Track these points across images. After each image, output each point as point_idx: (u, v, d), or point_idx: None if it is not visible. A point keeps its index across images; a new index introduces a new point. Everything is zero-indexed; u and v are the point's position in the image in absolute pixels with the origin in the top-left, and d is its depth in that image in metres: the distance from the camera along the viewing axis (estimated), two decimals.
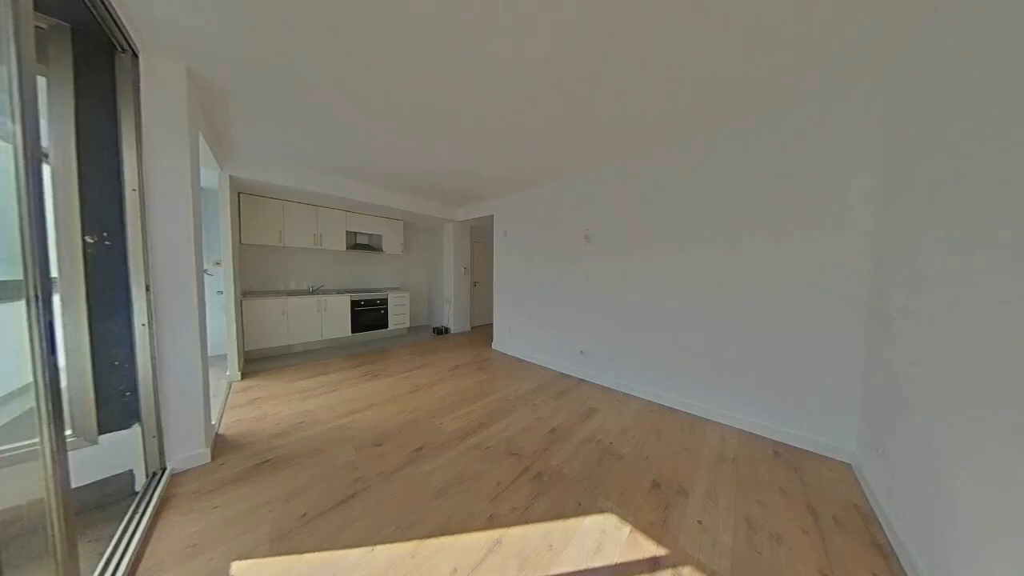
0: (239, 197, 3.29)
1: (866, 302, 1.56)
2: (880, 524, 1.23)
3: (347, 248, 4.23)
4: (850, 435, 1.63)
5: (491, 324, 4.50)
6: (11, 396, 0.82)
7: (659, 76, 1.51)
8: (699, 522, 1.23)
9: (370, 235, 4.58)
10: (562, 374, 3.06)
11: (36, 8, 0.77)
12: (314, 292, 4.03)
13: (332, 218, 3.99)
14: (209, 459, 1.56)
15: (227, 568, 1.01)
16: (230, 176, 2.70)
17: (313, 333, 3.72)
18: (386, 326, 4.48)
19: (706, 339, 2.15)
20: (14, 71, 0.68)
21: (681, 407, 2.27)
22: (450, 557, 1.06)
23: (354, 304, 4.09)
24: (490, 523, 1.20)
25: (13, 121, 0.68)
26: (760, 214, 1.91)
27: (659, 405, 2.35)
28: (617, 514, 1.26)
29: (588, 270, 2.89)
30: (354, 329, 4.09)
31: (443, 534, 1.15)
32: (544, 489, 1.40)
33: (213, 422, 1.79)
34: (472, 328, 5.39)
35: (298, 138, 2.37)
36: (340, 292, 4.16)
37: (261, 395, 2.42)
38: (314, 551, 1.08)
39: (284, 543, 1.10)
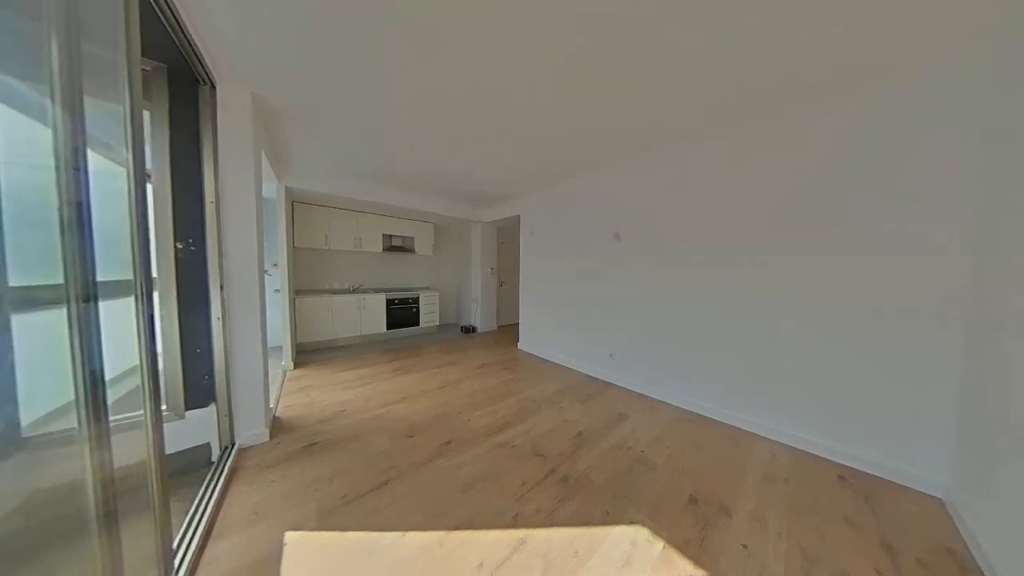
0: (292, 206, 3.67)
1: (965, 305, 1.31)
2: (981, 574, 1.03)
3: (383, 250, 4.52)
4: (941, 464, 1.38)
5: (517, 324, 4.52)
6: (123, 375, 1.00)
7: (710, 55, 1.39)
8: (744, 546, 1.12)
9: (404, 237, 4.85)
10: (589, 377, 2.98)
11: (142, 54, 0.93)
12: (354, 291, 4.36)
13: (370, 222, 4.29)
14: (268, 438, 1.77)
15: (281, 537, 1.13)
16: (286, 187, 3.03)
17: (353, 329, 4.02)
18: (417, 324, 4.71)
19: (754, 346, 1.96)
20: (127, 108, 0.83)
21: (722, 418, 2.09)
22: (476, 551, 1.08)
23: (389, 303, 4.36)
24: (515, 522, 1.21)
25: (127, 149, 0.83)
26: (820, 203, 1.69)
27: (697, 415, 2.18)
28: (649, 527, 1.20)
29: (618, 270, 2.78)
30: (388, 326, 4.36)
31: (469, 528, 1.18)
32: (570, 493, 1.38)
33: (271, 406, 2.02)
34: (498, 327, 5.46)
35: (341, 150, 2.59)
36: (377, 291, 4.46)
37: (310, 384, 2.67)
38: (353, 530, 1.17)
39: (328, 520, 1.21)
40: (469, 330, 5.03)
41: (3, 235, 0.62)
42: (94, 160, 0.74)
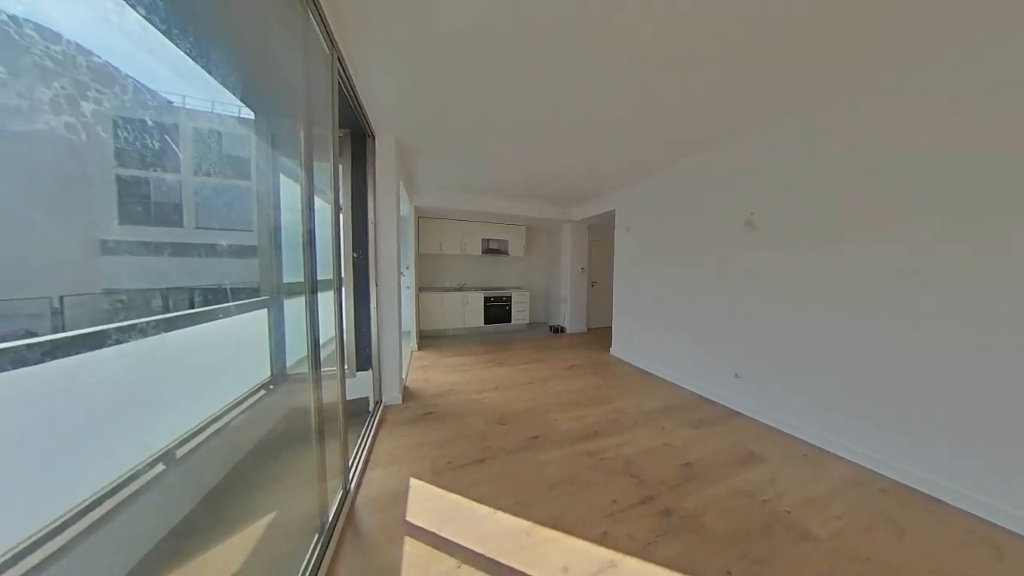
0: (419, 220, 4.61)
1: None
2: None
3: (482, 252, 5.09)
4: None
5: (610, 327, 4.19)
6: (328, 343, 1.52)
7: None
8: None
9: (499, 240, 5.31)
10: (701, 398, 2.47)
11: (339, 126, 1.37)
12: (460, 289, 5.08)
13: (472, 229, 4.92)
14: (400, 401, 2.29)
15: (408, 480, 1.45)
16: (415, 206, 3.84)
17: (458, 321, 4.71)
18: (509, 321, 5.07)
19: (993, 379, 1.16)
20: (332, 164, 1.25)
21: (945, 495, 1.33)
22: (561, 553, 1.08)
23: (486, 300, 4.87)
24: (604, 540, 1.14)
25: (332, 192, 1.25)
26: None
27: (898, 483, 1.47)
28: None
29: (748, 266, 2.18)
30: (485, 321, 4.88)
31: (555, 527, 1.19)
32: (673, 531, 1.18)
33: (403, 377, 2.60)
34: (588, 329, 5.23)
35: (453, 171, 3.08)
36: (477, 289, 5.05)
37: (427, 363, 3.29)
38: (455, 493, 1.37)
39: (437, 478, 1.47)
40: (558, 330, 5.03)
41: (282, 253, 1.04)
42: (316, 201, 1.14)
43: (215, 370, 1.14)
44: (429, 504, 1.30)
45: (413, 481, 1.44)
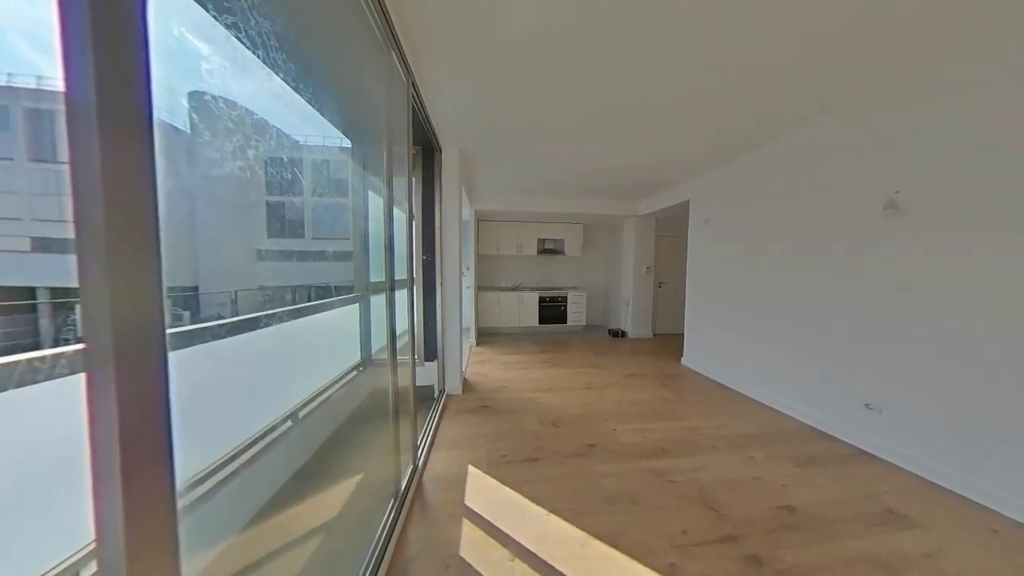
0: (479, 223, 4.89)
1: None
2: None
3: (537, 253, 5.11)
4: None
5: (680, 334, 3.72)
6: (402, 335, 1.74)
7: None
8: None
9: (555, 240, 5.25)
10: (811, 428, 1.99)
11: (413, 144, 1.56)
12: (515, 289, 5.20)
13: (527, 230, 4.98)
14: (460, 392, 2.47)
15: (466, 467, 1.55)
16: (475, 210, 4.09)
17: (513, 320, 4.82)
18: (564, 322, 4.96)
19: None
20: (407, 179, 1.43)
21: None
22: (620, 575, 1.01)
23: (541, 300, 4.87)
24: (671, 573, 1.02)
25: (407, 202, 1.43)
26: None
27: None
28: None
29: (891, 264, 1.66)
30: (540, 321, 4.88)
31: (614, 545, 1.12)
32: None
33: (463, 370, 2.80)
34: (654, 335, 4.74)
35: (511, 175, 3.17)
36: (532, 289, 5.10)
37: (484, 359, 3.47)
38: (509, 487, 1.41)
39: (493, 469, 1.53)
40: (618, 334, 4.70)
41: (369, 256, 1.23)
42: (395, 212, 1.32)
43: (324, 352, 1.43)
44: (485, 493, 1.38)
45: (471, 468, 1.54)
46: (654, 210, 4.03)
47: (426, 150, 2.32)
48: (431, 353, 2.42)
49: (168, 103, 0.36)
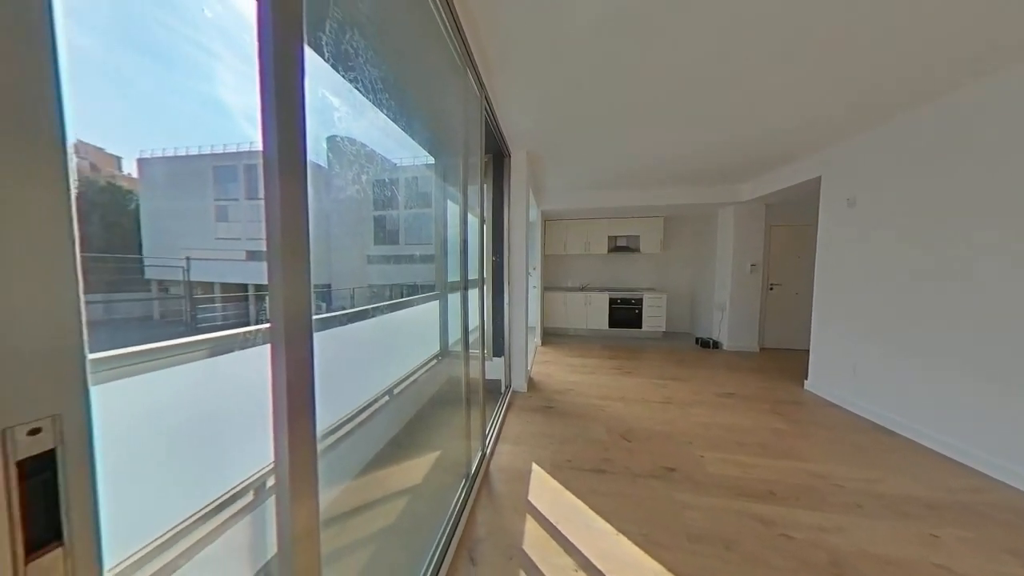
0: (545, 224, 4.89)
1: None
2: None
3: (608, 251, 4.78)
4: None
5: (801, 349, 2.90)
6: (473, 331, 1.90)
7: None
8: None
9: (628, 237, 4.81)
10: None
11: (485, 152, 1.68)
12: (582, 289, 4.99)
13: (597, 227, 4.70)
14: (526, 390, 2.52)
15: (530, 464, 1.58)
16: (541, 211, 4.10)
17: (580, 322, 4.64)
18: (639, 326, 4.49)
19: None
20: (479, 185, 1.54)
21: None
22: None
23: (612, 302, 4.54)
24: None
25: (480, 208, 1.54)
26: None
27: None
28: None
29: None
30: (610, 324, 4.55)
31: None
32: None
33: (528, 368, 2.86)
34: (761, 349, 3.84)
35: (580, 171, 3.06)
36: (601, 290, 4.80)
37: (549, 360, 3.45)
38: (573, 493, 1.37)
39: (556, 471, 1.51)
40: (708, 344, 3.98)
41: (447, 258, 1.38)
42: (468, 217, 1.44)
43: (412, 341, 1.67)
44: (547, 493, 1.37)
45: (535, 467, 1.56)
46: (764, 193, 3.24)
47: (496, 157, 2.45)
48: (498, 349, 2.55)
49: (314, 148, 0.48)
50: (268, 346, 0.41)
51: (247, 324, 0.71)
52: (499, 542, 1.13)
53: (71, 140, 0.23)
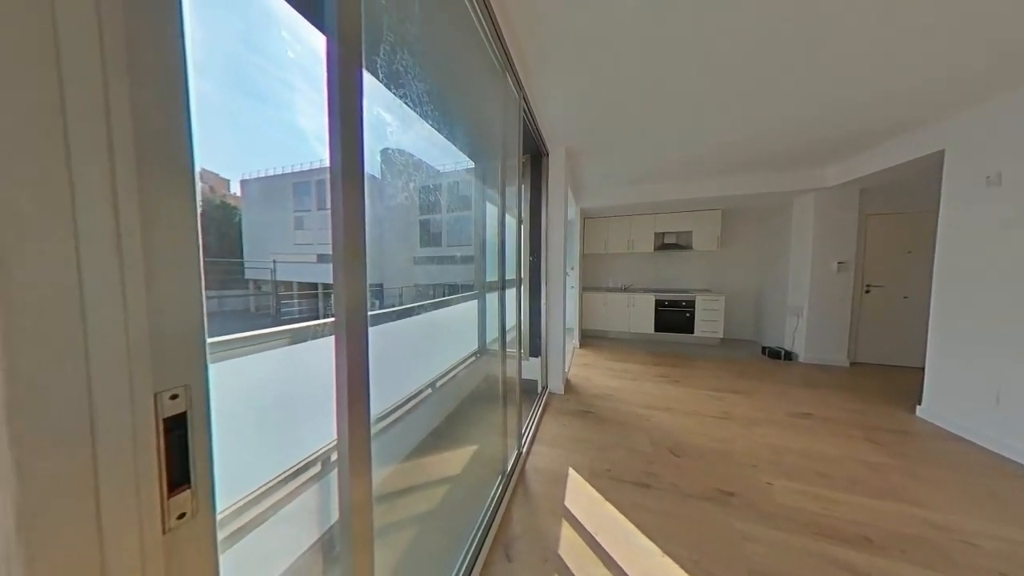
0: (584, 222, 4.73)
1: None
2: None
3: (654, 249, 4.44)
4: None
5: (912, 367, 2.34)
6: (510, 330, 1.92)
7: None
8: None
9: (678, 233, 4.41)
10: None
11: (523, 152, 1.69)
12: (624, 290, 4.72)
13: (641, 223, 4.40)
14: (563, 392, 2.47)
15: (567, 468, 1.54)
16: (581, 208, 3.98)
17: (622, 324, 4.39)
18: (691, 331, 4.09)
19: None
20: (517, 186, 1.55)
21: None
22: None
23: (658, 303, 4.21)
24: None
25: (518, 208, 1.56)
26: None
27: None
28: None
29: None
30: (656, 328, 4.22)
31: None
32: None
33: (566, 370, 2.80)
34: (852, 363, 3.22)
35: (623, 164, 2.90)
36: (646, 291, 4.48)
37: (588, 362, 3.33)
38: (612, 504, 1.30)
39: (594, 479, 1.46)
40: (779, 355, 3.45)
41: (486, 259, 1.42)
42: (506, 218, 1.46)
43: (452, 338, 1.76)
44: (585, 501, 1.33)
45: (571, 471, 1.52)
46: (859, 176, 2.69)
47: (534, 157, 2.45)
48: (535, 350, 2.54)
49: (370, 161, 0.54)
50: (333, 337, 0.47)
51: (317, 318, 0.82)
52: (535, 543, 1.13)
53: (198, 169, 0.29)
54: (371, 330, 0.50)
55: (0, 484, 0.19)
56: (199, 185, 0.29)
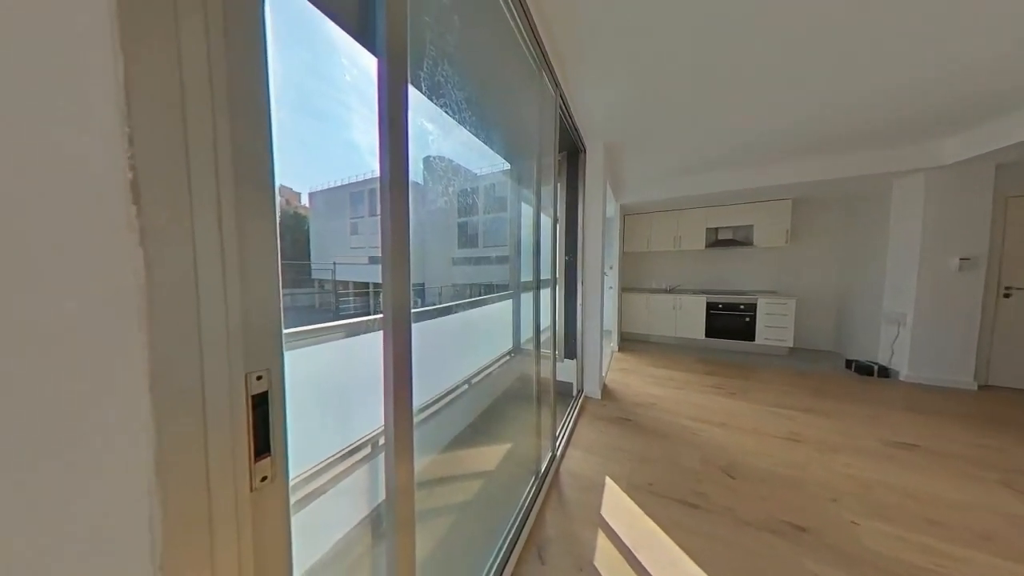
0: (624, 219, 4.49)
1: None
2: None
3: (706, 246, 4.03)
4: None
5: None
6: (544, 331, 1.90)
7: None
8: None
9: (735, 228, 3.95)
10: None
11: (559, 151, 1.66)
12: (670, 291, 4.37)
13: (690, 218, 4.02)
14: (600, 397, 2.38)
15: (604, 477, 1.48)
16: (620, 205, 3.79)
17: (667, 329, 4.07)
18: (751, 338, 3.63)
19: None
20: (552, 186, 1.53)
21: None
22: None
23: (710, 306, 3.81)
24: None
25: (553, 208, 1.54)
26: None
27: None
28: None
29: None
30: (708, 333, 3.83)
31: None
32: None
33: (603, 374, 2.68)
34: (981, 387, 2.56)
35: (670, 154, 2.69)
36: (695, 292, 4.09)
37: (627, 368, 3.16)
38: (653, 521, 1.21)
39: (634, 492, 1.37)
40: (871, 371, 2.88)
41: (520, 259, 1.42)
42: (541, 217, 1.45)
43: (487, 336, 1.80)
44: (623, 513, 1.26)
45: (608, 481, 1.46)
46: (994, 149, 2.12)
47: (571, 154, 2.39)
48: (570, 351, 2.48)
49: (414, 169, 0.58)
50: (381, 332, 0.51)
51: (368, 314, 0.91)
52: (569, 549, 1.10)
53: (277, 185, 0.34)
54: (413, 326, 0.54)
55: (144, 438, 0.24)
56: (278, 199, 0.34)
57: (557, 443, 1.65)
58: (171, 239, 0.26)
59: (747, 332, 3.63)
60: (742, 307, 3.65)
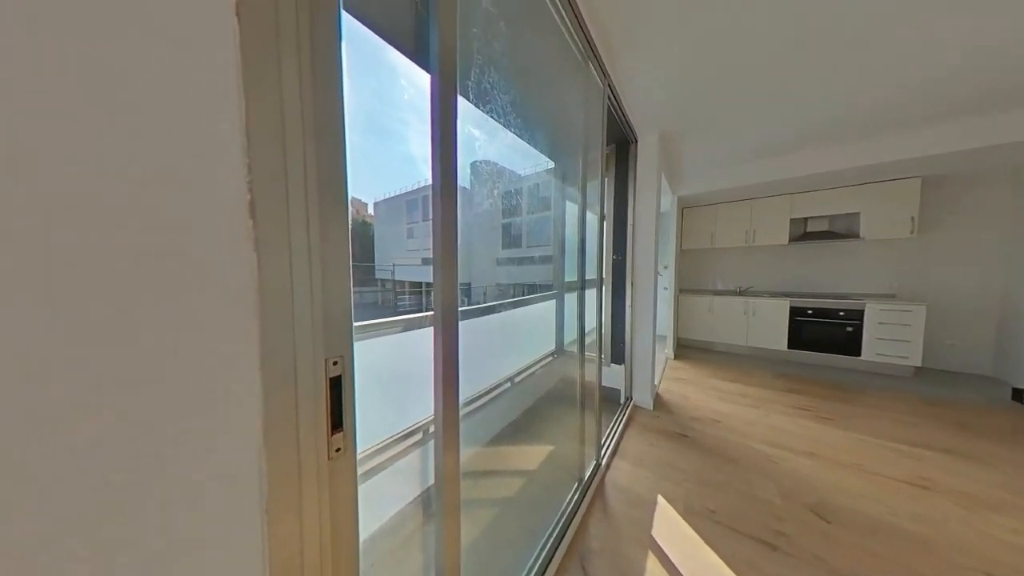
0: (682, 212, 4.06)
1: None
2: None
3: (789, 240, 3.40)
4: None
5: None
6: (589, 333, 1.83)
7: None
8: None
9: (831, 217, 3.25)
10: None
11: (607, 144, 1.57)
12: (740, 293, 3.81)
13: (770, 208, 3.44)
14: (651, 407, 2.19)
15: (656, 495, 1.36)
16: (677, 197, 3.43)
17: (737, 336, 3.55)
18: (856, 353, 2.95)
19: None
20: (599, 181, 1.46)
21: None
22: None
23: (795, 312, 3.21)
24: None
25: (599, 205, 1.47)
26: None
27: None
28: None
29: None
30: (791, 344, 3.23)
31: None
32: None
33: (656, 383, 2.47)
34: None
35: (735, 139, 2.35)
36: (774, 295, 3.49)
37: (684, 378, 2.84)
38: (716, 553, 1.07)
39: (691, 517, 1.23)
40: None
41: (565, 258, 1.39)
42: (587, 215, 1.39)
43: (530, 336, 1.80)
44: (679, 539, 1.14)
45: (661, 499, 1.33)
46: None
47: (619, 146, 2.25)
48: (618, 356, 2.34)
49: (462, 175, 0.61)
50: (432, 328, 0.55)
51: (421, 311, 0.99)
52: (615, 566, 1.04)
53: (349, 197, 0.39)
54: (461, 324, 0.57)
55: (255, 409, 0.31)
56: (350, 209, 0.39)
57: (602, 451, 1.57)
58: (275, 246, 0.32)
59: (850, 345, 2.95)
60: (842, 314, 2.98)
